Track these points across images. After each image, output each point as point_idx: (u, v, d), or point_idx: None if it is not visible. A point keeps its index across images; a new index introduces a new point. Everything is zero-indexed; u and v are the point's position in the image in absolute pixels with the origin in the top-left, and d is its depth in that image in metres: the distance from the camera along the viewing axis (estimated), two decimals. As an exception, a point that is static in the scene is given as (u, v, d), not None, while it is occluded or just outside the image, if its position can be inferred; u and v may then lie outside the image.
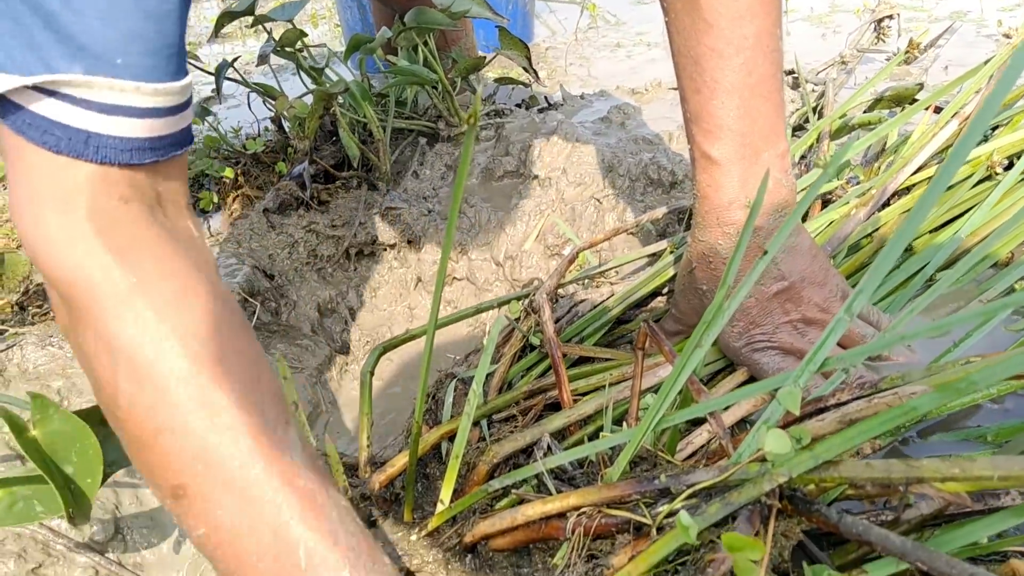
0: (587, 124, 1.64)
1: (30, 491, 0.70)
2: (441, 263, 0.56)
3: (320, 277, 1.39)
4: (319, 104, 1.44)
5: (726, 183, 0.79)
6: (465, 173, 0.50)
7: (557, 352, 0.85)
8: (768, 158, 0.79)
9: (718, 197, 0.80)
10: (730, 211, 0.80)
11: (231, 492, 0.57)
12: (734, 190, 0.79)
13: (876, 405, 0.61)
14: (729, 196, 0.79)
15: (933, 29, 2.37)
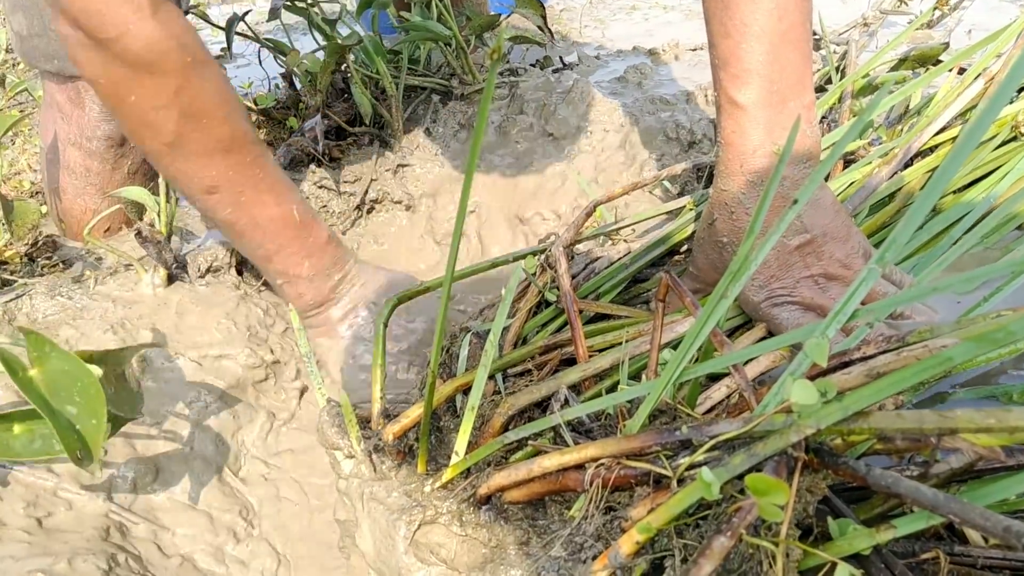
0: (603, 84, 1.61)
1: (48, 429, 0.69)
2: (460, 210, 0.54)
3: (331, 233, 1.37)
4: (332, 58, 1.41)
5: (751, 129, 0.77)
6: (487, 109, 0.49)
7: (573, 307, 0.83)
8: (795, 107, 0.77)
9: (743, 144, 0.78)
10: (755, 158, 0.78)
11: (249, 180, 0.92)
12: (759, 137, 0.77)
13: (905, 358, 0.59)
14: (754, 143, 0.78)
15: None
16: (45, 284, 1.11)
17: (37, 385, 0.66)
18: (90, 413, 0.66)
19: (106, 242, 1.19)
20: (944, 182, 0.56)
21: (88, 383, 0.66)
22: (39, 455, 0.69)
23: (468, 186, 0.54)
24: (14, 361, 0.65)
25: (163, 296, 1.10)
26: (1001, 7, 2.09)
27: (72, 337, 1.03)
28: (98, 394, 0.66)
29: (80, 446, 0.66)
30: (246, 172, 0.93)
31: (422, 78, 1.66)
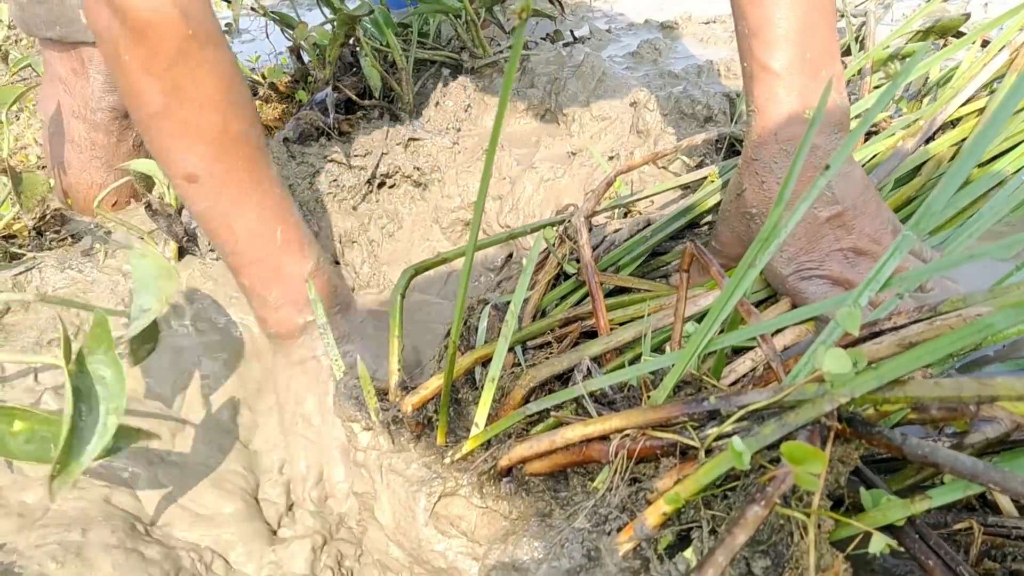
0: (616, 58, 1.59)
1: (48, 432, 0.68)
2: (483, 179, 0.53)
3: (341, 208, 1.36)
4: (341, 30, 1.40)
5: (786, 95, 0.76)
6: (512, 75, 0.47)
7: (594, 278, 0.82)
8: (826, 75, 0.76)
9: (777, 110, 0.77)
10: (789, 126, 0.77)
11: (234, 182, 0.85)
12: (794, 103, 0.76)
13: (939, 328, 0.58)
14: (789, 108, 0.77)
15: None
16: (55, 257, 1.10)
17: (76, 382, 0.65)
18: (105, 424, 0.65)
19: (116, 215, 1.18)
20: (980, 151, 0.55)
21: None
22: (32, 458, 0.68)
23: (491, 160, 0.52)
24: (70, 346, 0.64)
25: (174, 269, 1.09)
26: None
27: (82, 311, 1.02)
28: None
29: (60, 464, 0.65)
30: (233, 173, 0.85)
31: (432, 51, 1.64)
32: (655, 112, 1.32)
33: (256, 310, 0.94)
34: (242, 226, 0.87)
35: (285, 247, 0.90)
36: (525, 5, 0.43)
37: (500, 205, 1.23)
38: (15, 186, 1.03)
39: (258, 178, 0.88)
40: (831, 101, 0.76)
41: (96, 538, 0.75)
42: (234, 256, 0.89)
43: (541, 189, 1.21)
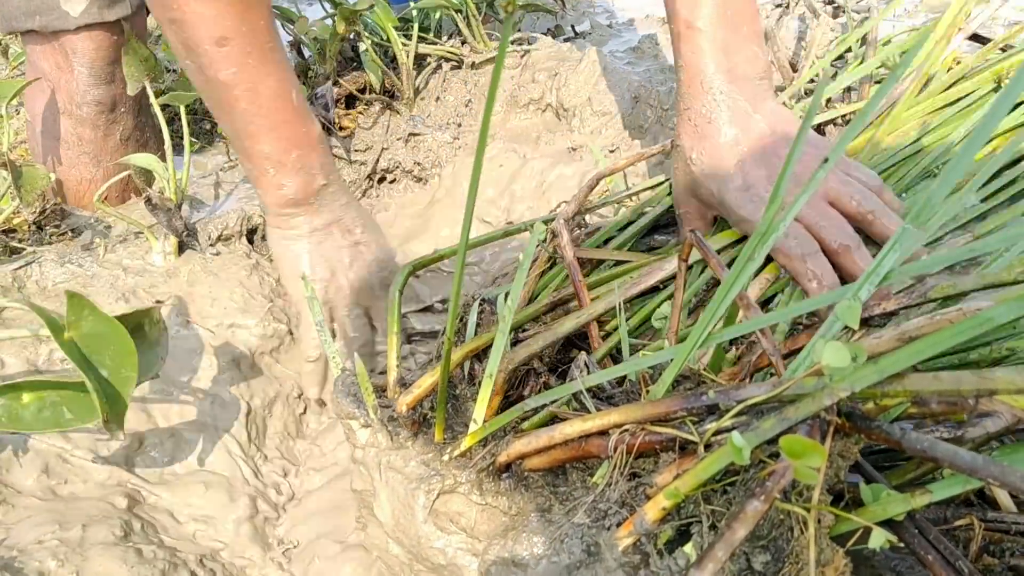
0: (617, 54, 1.59)
1: (59, 397, 0.68)
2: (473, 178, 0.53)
3: (342, 203, 1.36)
4: (342, 24, 1.39)
5: (709, 48, 0.84)
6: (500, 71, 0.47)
7: (578, 276, 0.82)
8: (747, 32, 0.84)
9: (702, 63, 0.84)
10: (715, 76, 0.84)
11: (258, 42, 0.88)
12: (717, 56, 0.84)
13: (939, 322, 0.58)
14: (713, 62, 0.84)
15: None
16: (55, 252, 1.10)
17: (78, 346, 0.65)
18: (121, 374, 0.65)
19: (116, 210, 1.18)
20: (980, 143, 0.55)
21: (123, 345, 0.65)
22: (49, 426, 0.68)
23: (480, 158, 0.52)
24: (57, 323, 0.64)
25: (174, 265, 1.09)
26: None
27: (83, 305, 1.01)
28: (131, 356, 0.65)
29: (109, 410, 0.65)
30: (260, 34, 0.88)
31: (433, 46, 1.64)
32: (656, 107, 1.31)
33: (270, 182, 0.96)
34: (266, 88, 0.91)
35: (300, 108, 0.95)
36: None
37: (498, 200, 1.23)
38: (15, 180, 1.02)
39: (274, 39, 0.92)
40: (752, 53, 0.85)
41: (95, 536, 0.75)
42: (255, 123, 0.92)
43: (542, 186, 1.20)
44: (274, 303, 1.06)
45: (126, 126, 1.26)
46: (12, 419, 0.69)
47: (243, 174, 1.35)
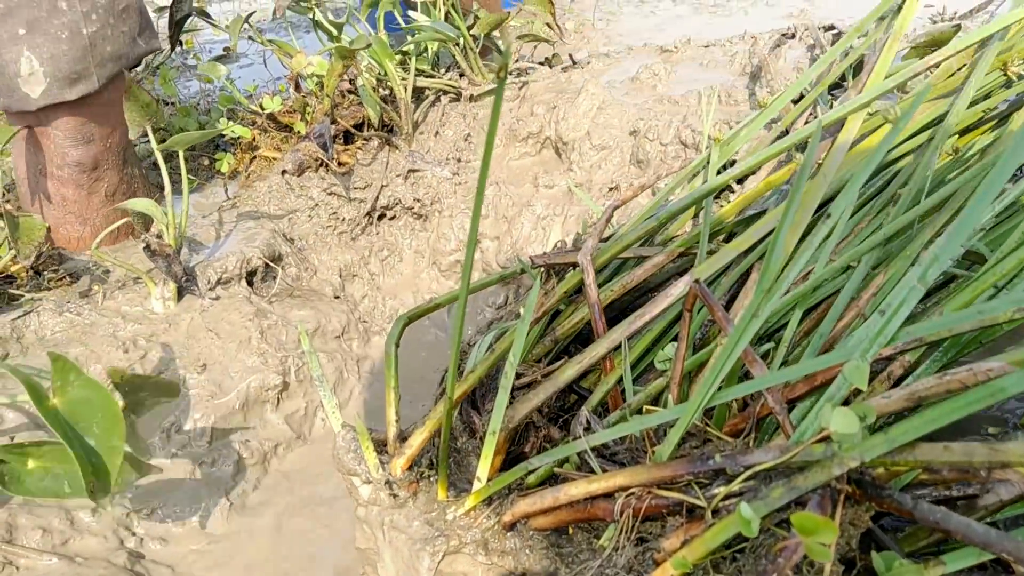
0: (616, 84, 1.59)
1: (61, 469, 0.67)
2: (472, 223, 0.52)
3: (342, 241, 1.35)
4: (339, 62, 1.39)
5: None
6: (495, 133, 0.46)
7: (601, 318, 0.81)
8: None
9: None
10: None
11: None
12: None
13: (948, 382, 0.57)
14: None
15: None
16: (53, 299, 1.09)
17: (61, 415, 0.64)
18: (109, 443, 0.64)
19: (114, 256, 1.17)
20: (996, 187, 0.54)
21: (110, 412, 0.64)
22: (48, 495, 0.67)
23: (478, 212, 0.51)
24: (40, 390, 0.63)
25: (174, 311, 1.08)
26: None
27: (82, 355, 1.01)
28: (118, 424, 0.64)
29: (95, 478, 0.64)
30: None
31: (431, 79, 1.63)
32: (655, 142, 1.31)
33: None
34: None
35: None
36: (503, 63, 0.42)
37: (498, 245, 1.22)
38: (11, 231, 1.02)
39: None
40: None
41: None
42: None
43: (539, 227, 1.20)
44: (272, 352, 1.05)
45: (110, 182, 1.25)
46: (15, 482, 0.68)
47: (242, 211, 1.35)
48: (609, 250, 0.90)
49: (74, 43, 1.10)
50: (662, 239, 1.02)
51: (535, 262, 0.92)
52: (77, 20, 1.10)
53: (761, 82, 1.47)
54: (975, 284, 0.72)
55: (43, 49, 1.08)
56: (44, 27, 1.07)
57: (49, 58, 1.09)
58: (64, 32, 1.09)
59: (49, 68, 1.09)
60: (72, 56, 1.11)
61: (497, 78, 0.40)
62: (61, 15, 1.08)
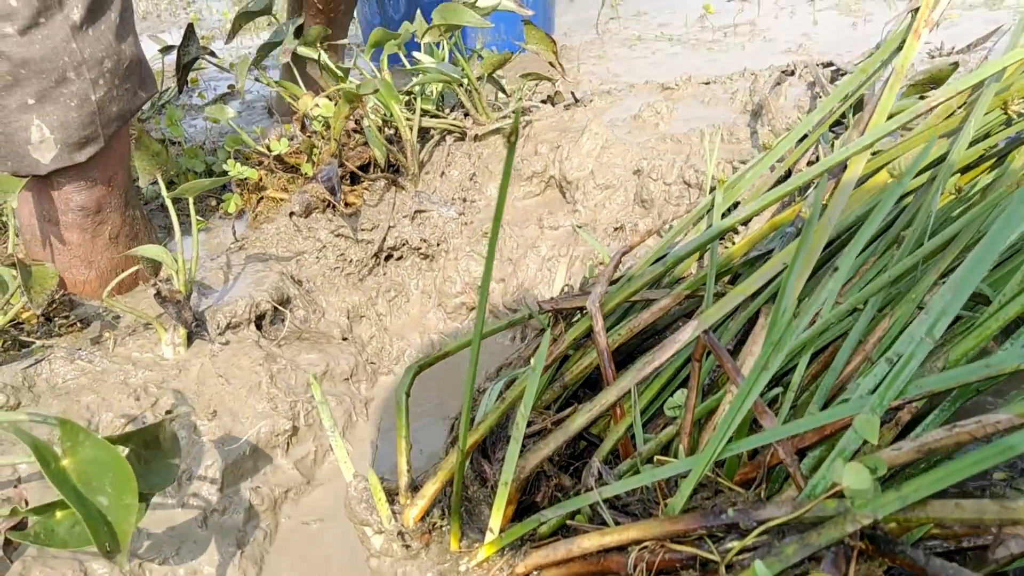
0: (618, 122, 1.60)
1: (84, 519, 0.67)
2: (485, 274, 0.53)
3: (349, 283, 1.36)
4: (346, 105, 1.41)
5: None
6: (505, 195, 0.47)
7: (610, 365, 0.82)
8: None
9: None
10: None
11: None
12: None
13: (957, 435, 0.57)
14: None
15: (966, 19, 2.32)
16: (64, 346, 1.10)
17: (69, 476, 0.64)
18: (121, 504, 0.64)
19: (124, 302, 1.18)
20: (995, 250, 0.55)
21: (121, 472, 0.65)
22: (82, 543, 0.67)
23: (486, 283, 0.52)
24: (46, 451, 0.64)
25: (184, 357, 1.09)
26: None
27: (93, 403, 1.01)
28: (130, 485, 0.65)
29: (109, 538, 0.64)
30: None
31: (436, 120, 1.65)
32: (659, 182, 1.32)
33: None
34: None
35: None
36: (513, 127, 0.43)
37: (504, 287, 1.23)
38: (24, 280, 1.03)
39: None
40: None
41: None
42: None
43: (544, 268, 1.21)
44: (282, 397, 1.06)
45: (113, 224, 1.26)
46: (48, 536, 0.68)
47: (250, 254, 1.36)
48: (616, 296, 0.91)
49: (83, 110, 1.12)
50: (669, 281, 1.02)
51: (543, 307, 0.93)
52: (86, 88, 1.12)
53: (763, 120, 1.49)
54: (979, 330, 0.72)
55: (53, 117, 1.10)
56: (53, 96, 1.09)
57: (59, 125, 1.11)
58: (73, 100, 1.11)
59: (60, 135, 1.11)
60: (81, 122, 1.13)
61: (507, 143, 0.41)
62: (70, 84, 1.10)
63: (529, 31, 1.68)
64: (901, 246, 0.94)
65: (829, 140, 1.39)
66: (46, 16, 1.06)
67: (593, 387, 0.96)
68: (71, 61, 1.09)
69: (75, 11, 1.08)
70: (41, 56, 1.06)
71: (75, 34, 1.09)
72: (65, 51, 1.08)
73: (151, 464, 0.72)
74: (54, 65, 1.07)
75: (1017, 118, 1.17)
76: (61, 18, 1.07)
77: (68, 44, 1.08)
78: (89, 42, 1.11)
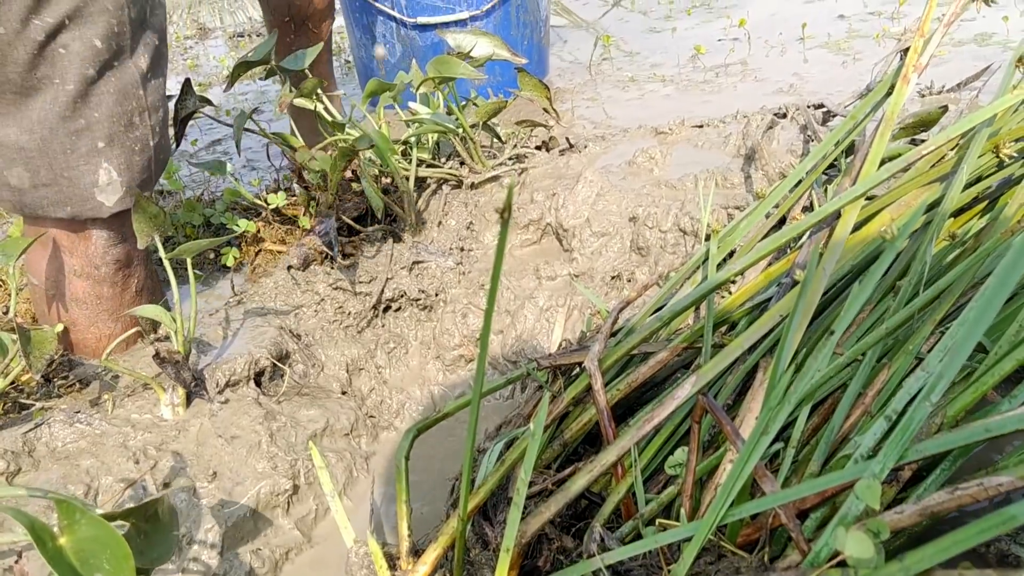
0: (613, 169, 1.62)
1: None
2: (482, 342, 0.53)
3: (348, 336, 1.36)
4: (342, 160, 1.42)
5: None
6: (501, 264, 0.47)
7: (611, 425, 0.82)
8: None
9: None
10: None
11: None
12: None
13: (959, 497, 0.57)
14: None
15: (955, 55, 2.35)
16: (63, 408, 1.10)
17: (66, 555, 0.64)
18: (118, 584, 0.64)
19: (123, 363, 1.18)
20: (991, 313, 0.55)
21: (118, 550, 0.64)
22: None
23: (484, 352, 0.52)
24: (43, 531, 0.63)
25: (183, 418, 1.09)
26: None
27: (93, 467, 1.01)
28: (127, 561, 0.64)
29: None
30: None
31: (432, 169, 1.66)
32: (654, 229, 1.33)
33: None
34: None
35: None
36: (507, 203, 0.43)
37: (502, 339, 1.23)
38: (23, 345, 1.03)
39: None
40: None
41: None
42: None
43: (542, 319, 1.21)
44: (282, 456, 1.06)
45: (140, 277, 1.28)
46: None
47: (248, 308, 1.36)
48: (614, 353, 0.91)
49: (144, 154, 1.19)
50: (666, 334, 1.02)
51: (541, 364, 0.93)
52: (147, 134, 1.19)
53: (756, 164, 1.50)
54: (976, 385, 0.72)
55: (120, 160, 1.16)
56: (121, 140, 1.15)
57: (125, 168, 1.17)
58: (137, 145, 1.18)
59: (124, 178, 1.17)
60: (142, 166, 1.19)
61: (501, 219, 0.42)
62: (135, 129, 1.17)
63: (523, 79, 1.70)
64: (897, 296, 0.94)
65: (822, 183, 1.40)
66: (119, 60, 1.13)
67: (593, 442, 0.96)
68: (137, 106, 1.16)
69: (142, 59, 1.16)
70: (114, 100, 1.13)
71: (142, 80, 1.16)
72: (134, 96, 1.15)
73: (150, 538, 0.72)
74: (124, 109, 1.14)
75: (1009, 161, 1.18)
76: (131, 64, 1.14)
77: (136, 90, 1.15)
78: (151, 90, 1.19)
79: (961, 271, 0.91)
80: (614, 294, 1.31)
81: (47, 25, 1.03)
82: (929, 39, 1.14)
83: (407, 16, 2.56)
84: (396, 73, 2.70)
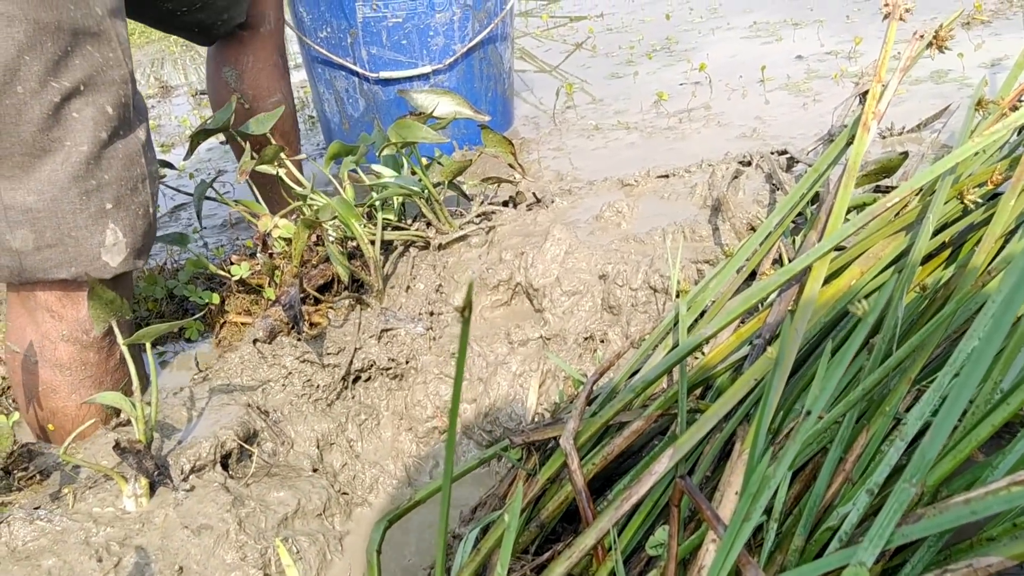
0: (580, 224, 1.61)
1: None
2: (451, 416, 0.51)
3: (317, 409, 1.33)
4: (304, 230, 1.40)
5: None
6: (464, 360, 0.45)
7: (589, 506, 0.79)
8: None
9: None
10: None
11: None
12: None
13: (949, 582, 0.56)
14: None
15: (913, 93, 2.38)
16: (24, 503, 1.06)
17: None
18: None
19: (84, 451, 1.14)
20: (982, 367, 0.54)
21: None
22: None
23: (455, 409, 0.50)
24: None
25: (147, 509, 1.05)
26: (966, 104, 2.13)
27: (55, 567, 0.97)
28: None
29: None
30: None
31: (398, 232, 1.65)
32: (625, 287, 1.32)
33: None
34: None
35: None
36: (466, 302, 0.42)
37: (476, 408, 1.21)
38: (-24, 443, 0.99)
39: None
40: None
41: None
42: None
43: (516, 385, 1.19)
44: (250, 545, 1.02)
45: None
46: None
47: (213, 385, 1.33)
48: (590, 427, 0.89)
49: (145, 220, 1.24)
50: (641, 401, 1.01)
51: (514, 442, 0.91)
52: (147, 201, 1.24)
53: (722, 216, 1.50)
54: (954, 453, 0.71)
55: (125, 222, 1.20)
56: (127, 204, 1.20)
57: (130, 230, 1.21)
58: (140, 209, 1.22)
59: (129, 239, 1.21)
60: (143, 231, 1.24)
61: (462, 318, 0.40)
62: (139, 195, 1.22)
63: (487, 135, 1.69)
64: (872, 354, 0.94)
65: (790, 233, 1.40)
66: (125, 129, 1.20)
67: (571, 519, 0.93)
68: (140, 173, 1.22)
69: (142, 131, 1.24)
70: (122, 164, 1.18)
71: (143, 150, 1.23)
72: (138, 163, 1.21)
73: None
74: (131, 174, 1.20)
75: (973, 207, 1.19)
76: (134, 134, 1.21)
77: (139, 158, 1.22)
78: (149, 160, 1.25)
79: (933, 327, 0.90)
80: (587, 355, 1.29)
81: (64, 88, 1.09)
82: (887, 86, 1.15)
83: (369, 71, 2.56)
84: (360, 127, 2.71)
